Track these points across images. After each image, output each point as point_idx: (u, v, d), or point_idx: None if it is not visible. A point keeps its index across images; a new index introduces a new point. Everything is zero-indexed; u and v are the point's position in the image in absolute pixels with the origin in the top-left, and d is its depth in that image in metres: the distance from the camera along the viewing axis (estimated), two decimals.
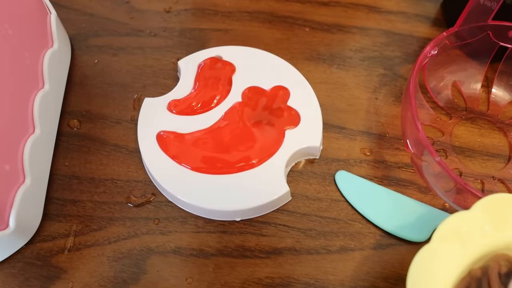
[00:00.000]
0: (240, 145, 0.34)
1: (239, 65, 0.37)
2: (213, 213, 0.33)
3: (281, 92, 0.36)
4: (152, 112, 0.35)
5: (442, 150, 0.36)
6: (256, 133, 0.34)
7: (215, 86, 0.37)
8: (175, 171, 0.33)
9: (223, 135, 0.34)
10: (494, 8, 0.34)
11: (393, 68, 0.40)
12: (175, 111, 0.35)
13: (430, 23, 0.43)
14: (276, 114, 0.35)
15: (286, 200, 0.34)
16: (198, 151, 0.34)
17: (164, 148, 0.34)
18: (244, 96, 0.36)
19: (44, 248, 0.32)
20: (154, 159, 0.33)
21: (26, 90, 0.32)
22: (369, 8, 0.43)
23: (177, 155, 0.33)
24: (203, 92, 0.36)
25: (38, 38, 0.35)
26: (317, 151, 0.35)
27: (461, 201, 0.31)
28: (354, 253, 0.32)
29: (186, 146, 0.34)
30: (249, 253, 0.32)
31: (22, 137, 0.31)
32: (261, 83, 0.37)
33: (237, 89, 0.36)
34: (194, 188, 0.32)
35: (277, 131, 0.34)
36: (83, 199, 0.34)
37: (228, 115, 0.35)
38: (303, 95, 0.36)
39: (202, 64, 0.37)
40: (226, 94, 0.36)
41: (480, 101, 0.38)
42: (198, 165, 0.33)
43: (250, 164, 0.33)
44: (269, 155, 0.33)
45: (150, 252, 0.32)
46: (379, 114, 0.38)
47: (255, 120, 0.35)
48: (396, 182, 0.35)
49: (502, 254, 0.26)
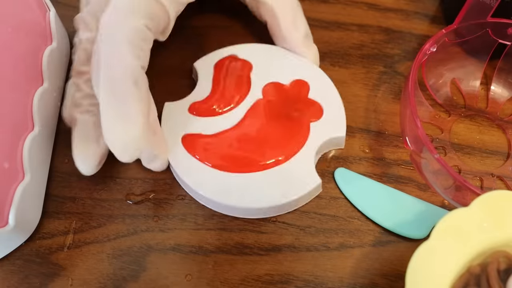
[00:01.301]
0: (266, 142, 0.34)
1: (255, 62, 0.37)
2: (248, 212, 0.33)
3: (301, 86, 0.36)
4: (174, 116, 0.35)
5: (441, 147, 0.36)
6: (281, 128, 0.34)
7: (234, 85, 0.36)
8: (205, 173, 0.33)
9: (248, 132, 0.34)
10: (493, 5, 0.34)
11: (392, 65, 0.40)
12: (197, 114, 0.35)
13: (429, 20, 0.43)
14: (298, 108, 0.35)
15: (317, 192, 0.34)
16: (225, 151, 0.33)
17: (192, 151, 0.33)
18: (265, 93, 0.36)
19: (44, 245, 0.32)
20: (182, 163, 0.33)
21: (25, 87, 0.32)
22: (368, 5, 0.43)
23: (205, 157, 0.33)
24: (223, 92, 0.36)
25: (37, 36, 0.35)
26: (343, 141, 0.35)
27: (460, 198, 0.31)
28: (353, 250, 0.32)
29: (213, 147, 0.34)
30: (248, 250, 0.32)
31: (22, 135, 0.31)
32: (280, 78, 0.36)
33: (257, 87, 0.36)
34: (227, 188, 0.32)
35: (301, 124, 0.34)
36: (83, 196, 0.34)
37: (251, 112, 0.35)
38: (322, 86, 0.36)
39: (219, 64, 0.37)
40: (247, 92, 0.36)
41: (479, 99, 0.38)
42: (228, 165, 0.33)
43: (279, 159, 0.33)
44: (297, 149, 0.33)
45: (149, 249, 0.32)
46: (378, 112, 0.38)
47: (278, 116, 0.35)
48: (395, 179, 0.35)
49: (501, 251, 0.26)
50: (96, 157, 0.32)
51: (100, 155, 0.32)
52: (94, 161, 0.32)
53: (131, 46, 0.29)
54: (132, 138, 0.29)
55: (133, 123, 0.29)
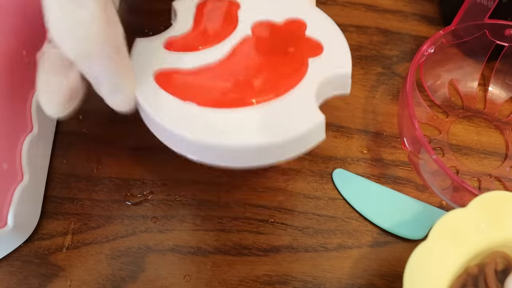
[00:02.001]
0: (256, 78, 0.29)
1: (244, 1, 0.32)
2: (239, 154, 0.27)
3: (296, 24, 0.31)
4: (146, 52, 0.30)
5: (439, 148, 0.36)
6: (274, 64, 0.29)
7: (219, 23, 0.32)
8: (186, 111, 0.27)
9: (235, 68, 0.29)
10: (490, 7, 0.34)
11: (391, 66, 0.40)
12: (174, 49, 0.30)
13: (427, 21, 0.43)
14: (293, 45, 0.30)
15: (321, 136, 0.28)
16: (208, 87, 0.28)
17: (167, 88, 0.28)
18: (254, 31, 0.31)
19: (42, 246, 0.32)
20: (156, 102, 0.27)
21: (24, 88, 0.32)
22: (366, 6, 0.43)
23: (184, 94, 0.28)
24: (205, 28, 0.31)
25: (36, 36, 0.35)
26: (348, 81, 0.30)
27: (458, 199, 0.31)
28: (351, 251, 0.32)
29: (193, 83, 0.28)
30: (247, 251, 0.32)
31: (20, 136, 0.31)
32: (272, 17, 0.31)
33: (245, 24, 0.31)
34: (211, 126, 0.27)
35: (298, 60, 0.29)
36: (81, 197, 0.34)
37: (238, 49, 0.30)
38: (321, 23, 0.31)
39: (201, 4, 0.32)
40: (232, 30, 0.31)
41: (477, 100, 0.39)
42: (211, 100, 0.27)
43: (272, 95, 0.28)
44: (292, 85, 0.28)
45: (148, 250, 0.32)
46: (376, 113, 0.38)
47: (270, 52, 0.30)
48: (393, 180, 0.35)
49: (498, 252, 0.26)
50: (63, 91, 0.26)
51: (69, 89, 0.26)
52: (60, 96, 0.26)
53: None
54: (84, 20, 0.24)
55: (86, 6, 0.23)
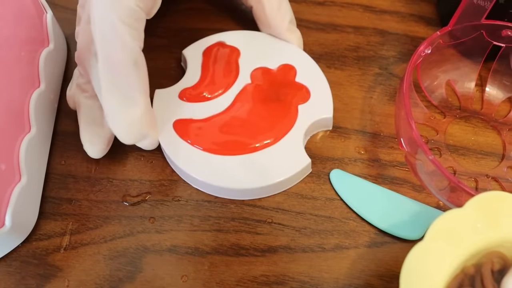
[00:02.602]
0: (256, 125, 0.35)
1: (243, 48, 0.38)
2: (239, 193, 0.34)
3: (288, 70, 0.37)
4: (165, 103, 0.36)
5: (436, 148, 0.36)
6: (270, 111, 0.35)
7: (223, 71, 0.37)
8: (197, 156, 0.34)
9: (238, 116, 0.35)
10: (487, 8, 0.35)
11: (388, 67, 0.40)
12: (187, 99, 0.36)
13: (424, 22, 0.43)
14: (286, 91, 0.36)
15: (307, 173, 0.35)
16: (216, 135, 0.34)
17: (183, 136, 0.34)
18: (253, 78, 0.37)
19: (40, 247, 0.32)
20: (175, 148, 0.34)
21: (22, 89, 0.32)
22: (364, 7, 0.44)
23: (196, 141, 0.34)
24: (212, 78, 0.37)
25: (34, 38, 0.35)
26: (330, 122, 0.36)
27: (455, 199, 0.31)
28: (348, 251, 0.32)
29: (204, 131, 0.34)
30: (244, 252, 0.32)
31: (18, 136, 0.31)
32: (267, 63, 0.37)
33: (245, 72, 0.37)
34: (219, 170, 0.33)
35: (289, 107, 0.35)
36: (79, 198, 0.34)
37: (240, 97, 0.36)
38: (309, 70, 0.37)
39: (207, 51, 0.38)
40: (235, 78, 0.37)
41: (474, 100, 0.39)
42: (219, 148, 0.34)
43: (269, 142, 0.34)
44: (286, 131, 0.34)
45: (145, 251, 0.32)
46: (373, 113, 0.38)
47: (267, 99, 0.36)
48: (391, 180, 0.35)
49: (495, 252, 0.26)
50: (103, 140, 0.33)
51: (107, 138, 0.33)
52: (101, 144, 0.33)
53: (127, 27, 0.29)
54: (136, 119, 0.30)
55: (137, 104, 0.30)
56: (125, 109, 0.30)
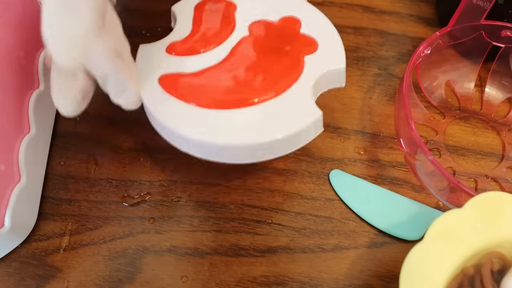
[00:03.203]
0: (256, 77, 0.31)
1: (240, 1, 0.34)
2: (241, 152, 0.29)
3: (291, 22, 0.33)
4: (150, 57, 0.32)
5: (436, 149, 0.36)
6: (272, 63, 0.31)
7: (217, 25, 0.34)
8: (189, 112, 0.29)
9: (235, 69, 0.31)
10: (486, 8, 0.35)
11: (387, 67, 0.40)
12: (176, 53, 0.32)
13: (424, 23, 0.43)
14: (290, 43, 0.32)
15: (319, 130, 0.30)
16: (210, 89, 0.30)
17: (171, 91, 0.30)
18: (251, 31, 0.33)
19: (40, 248, 0.32)
20: (161, 105, 0.30)
21: (22, 90, 0.32)
22: (363, 8, 0.44)
23: (187, 96, 0.30)
24: (204, 31, 0.33)
25: (33, 38, 0.35)
26: (343, 75, 0.32)
27: (455, 199, 0.31)
28: (348, 252, 0.32)
29: (196, 86, 0.31)
30: (244, 252, 0.32)
31: (18, 137, 0.31)
32: (268, 16, 0.34)
33: (242, 25, 0.33)
34: (214, 127, 0.29)
35: (294, 59, 0.31)
36: (79, 199, 0.34)
37: (237, 49, 0.32)
38: (315, 20, 0.34)
39: (199, 6, 0.35)
40: (231, 31, 0.33)
41: (474, 100, 0.39)
42: (213, 102, 0.30)
43: (272, 94, 0.30)
44: (290, 83, 0.30)
45: (145, 251, 0.32)
46: (373, 114, 0.38)
47: (268, 51, 0.32)
48: (390, 181, 0.35)
49: (494, 252, 0.26)
50: (76, 92, 0.28)
51: (81, 90, 0.28)
52: (74, 98, 0.28)
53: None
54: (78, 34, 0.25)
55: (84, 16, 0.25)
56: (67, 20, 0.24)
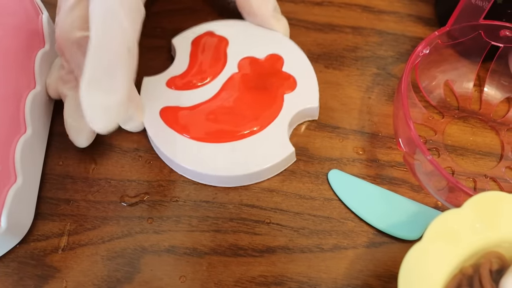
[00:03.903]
0: (242, 113, 0.35)
1: (232, 38, 0.38)
2: (223, 180, 0.34)
3: (275, 60, 0.37)
4: (152, 90, 0.36)
5: (435, 148, 0.36)
6: (256, 100, 0.35)
7: (211, 60, 0.37)
8: (183, 143, 0.34)
9: (224, 104, 0.35)
10: (485, 8, 0.35)
11: (386, 67, 0.40)
12: (175, 87, 0.36)
13: (423, 22, 0.43)
14: (273, 80, 0.36)
15: (291, 161, 0.35)
16: (202, 122, 0.34)
17: (169, 123, 0.34)
18: (240, 67, 0.37)
19: (38, 248, 0.32)
20: (161, 135, 0.34)
21: (18, 90, 0.32)
22: (362, 7, 0.44)
23: (183, 128, 0.34)
24: (200, 66, 0.37)
25: (30, 38, 0.35)
26: (316, 111, 0.36)
27: (453, 199, 0.31)
28: (347, 252, 0.32)
29: (191, 118, 0.35)
30: (243, 252, 0.32)
31: (14, 137, 0.31)
32: (255, 53, 0.38)
33: (233, 61, 0.37)
34: (204, 157, 0.33)
35: (275, 96, 0.36)
36: (77, 199, 0.34)
37: (227, 85, 0.36)
38: (296, 60, 0.38)
39: (196, 40, 0.38)
40: (223, 67, 0.37)
41: (472, 100, 0.39)
42: (205, 136, 0.34)
43: (254, 130, 0.34)
44: (271, 119, 0.35)
45: (144, 251, 0.32)
46: (372, 113, 0.38)
47: (253, 88, 0.36)
48: (389, 180, 0.35)
49: (493, 252, 0.26)
50: (88, 131, 0.33)
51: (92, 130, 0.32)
52: (87, 133, 0.33)
53: (128, 11, 0.28)
54: (113, 105, 0.28)
55: (118, 91, 0.28)
56: (104, 94, 0.28)
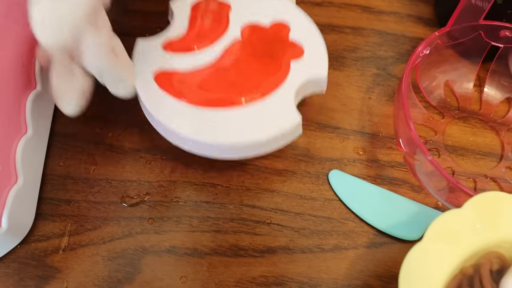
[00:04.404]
0: (245, 79, 0.33)
1: (235, 3, 0.36)
2: (224, 149, 0.32)
3: (281, 28, 0.35)
4: (147, 53, 0.34)
5: (435, 149, 0.36)
6: (260, 67, 0.34)
7: (212, 24, 0.36)
8: (180, 109, 0.32)
9: (225, 70, 0.34)
10: (485, 8, 0.35)
11: (386, 67, 0.40)
12: (171, 50, 0.34)
13: (423, 23, 0.43)
14: (278, 48, 0.34)
15: (297, 133, 0.33)
16: (201, 87, 0.33)
17: (165, 88, 0.32)
18: (244, 34, 0.35)
19: (39, 248, 0.32)
20: (155, 100, 0.32)
21: (18, 90, 0.32)
22: (362, 8, 0.44)
23: (180, 93, 0.32)
24: (199, 30, 0.35)
25: (31, 38, 0.35)
26: (324, 82, 0.34)
27: (454, 199, 0.31)
28: (347, 252, 0.33)
29: (188, 83, 0.33)
30: (243, 252, 0.32)
31: (15, 138, 0.31)
32: (259, 19, 0.36)
33: (235, 26, 0.35)
34: (202, 124, 0.31)
35: (281, 63, 0.34)
36: (78, 199, 0.34)
37: (229, 51, 0.34)
38: (303, 28, 0.35)
39: (196, 5, 0.37)
40: (224, 32, 0.35)
41: (473, 100, 0.39)
42: (203, 101, 0.32)
43: (258, 96, 0.32)
44: (275, 86, 0.33)
45: (144, 252, 0.32)
46: (372, 114, 0.38)
47: (257, 54, 0.34)
48: (389, 181, 0.35)
49: (493, 252, 0.26)
50: (77, 92, 0.31)
51: (81, 89, 0.31)
52: (76, 97, 0.31)
53: None
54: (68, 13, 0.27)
55: None
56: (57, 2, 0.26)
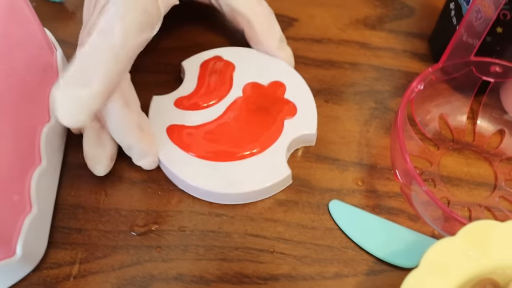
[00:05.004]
0: (244, 135, 0.37)
1: (238, 63, 0.41)
2: (223, 197, 0.36)
3: (278, 87, 0.39)
4: (161, 109, 0.38)
5: (431, 179, 0.37)
6: (258, 123, 0.37)
7: (218, 83, 0.39)
8: (187, 161, 0.36)
9: (228, 125, 0.37)
10: (475, 45, 0.36)
11: (383, 101, 0.42)
12: (182, 107, 0.38)
13: (418, 58, 0.45)
14: (274, 106, 0.38)
15: (288, 183, 0.37)
16: (206, 141, 0.36)
17: (175, 140, 0.36)
18: (245, 92, 0.39)
19: (51, 275, 0.33)
20: (166, 152, 0.36)
21: (33, 123, 0.34)
22: (359, 44, 0.45)
23: (187, 146, 0.36)
24: (207, 88, 0.39)
25: (44, 73, 0.36)
26: (314, 137, 0.38)
27: (449, 228, 0.32)
28: (348, 279, 0.33)
29: (195, 137, 0.37)
30: (248, 280, 0.33)
31: (29, 169, 0.32)
32: (259, 79, 0.40)
33: (238, 85, 0.39)
34: (205, 174, 0.35)
35: (276, 121, 0.38)
36: (88, 228, 0.35)
37: (231, 108, 0.38)
38: (298, 88, 0.40)
39: (205, 64, 0.41)
40: (228, 90, 0.39)
41: (466, 132, 0.40)
42: (208, 154, 0.36)
43: (254, 151, 0.36)
44: (271, 142, 0.37)
45: (152, 279, 0.33)
46: (370, 146, 0.39)
47: (256, 112, 0.38)
48: (387, 210, 0.36)
49: (487, 279, 0.27)
50: (106, 160, 0.35)
51: (109, 157, 0.35)
52: (105, 162, 0.35)
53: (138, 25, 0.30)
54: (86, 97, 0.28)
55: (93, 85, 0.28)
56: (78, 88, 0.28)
